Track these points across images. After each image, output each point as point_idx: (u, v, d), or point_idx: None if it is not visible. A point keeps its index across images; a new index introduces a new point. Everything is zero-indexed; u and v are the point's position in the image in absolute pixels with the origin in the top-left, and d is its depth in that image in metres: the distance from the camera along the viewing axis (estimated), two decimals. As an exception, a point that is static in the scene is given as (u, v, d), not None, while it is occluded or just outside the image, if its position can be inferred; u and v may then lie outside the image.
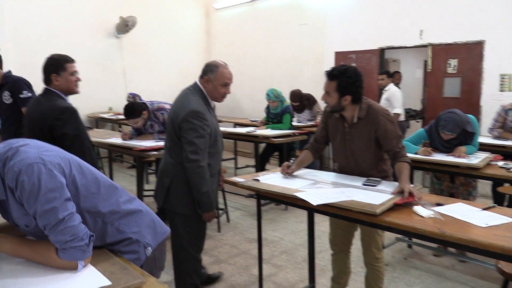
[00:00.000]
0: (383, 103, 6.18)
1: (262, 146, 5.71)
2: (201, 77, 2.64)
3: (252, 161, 7.18)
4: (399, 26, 6.51)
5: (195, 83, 2.67)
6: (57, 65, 2.61)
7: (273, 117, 5.65)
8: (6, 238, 1.49)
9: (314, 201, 2.14)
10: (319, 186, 2.44)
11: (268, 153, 5.73)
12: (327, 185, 2.45)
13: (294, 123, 6.09)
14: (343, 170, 2.72)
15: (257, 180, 2.63)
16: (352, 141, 2.58)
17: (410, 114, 7.73)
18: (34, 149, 1.44)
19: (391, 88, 6.34)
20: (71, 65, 2.64)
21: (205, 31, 9.90)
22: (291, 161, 2.81)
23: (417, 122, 8.03)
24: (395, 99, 6.23)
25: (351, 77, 2.43)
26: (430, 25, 6.18)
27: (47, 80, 2.63)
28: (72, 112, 2.52)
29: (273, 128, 5.46)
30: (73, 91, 2.66)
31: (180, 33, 9.38)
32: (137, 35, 8.49)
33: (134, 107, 4.23)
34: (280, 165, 5.55)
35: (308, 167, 2.90)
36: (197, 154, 2.48)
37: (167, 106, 4.42)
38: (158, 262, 1.74)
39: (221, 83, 2.60)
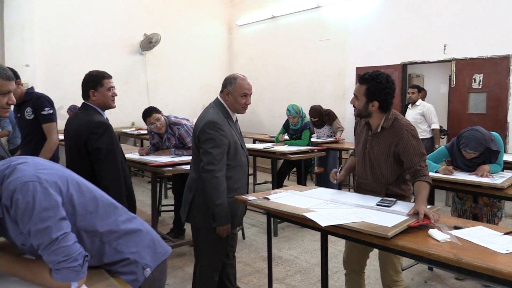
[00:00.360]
0: (416, 117, 5.97)
1: (280, 162, 5.64)
2: (221, 91, 2.70)
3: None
4: (422, 40, 6.38)
5: (216, 98, 2.73)
6: (95, 81, 2.73)
7: (293, 133, 5.59)
8: (2, 256, 1.47)
9: (323, 222, 2.05)
10: (331, 206, 2.35)
11: (286, 169, 5.65)
12: (340, 205, 2.37)
13: (313, 139, 6.02)
14: (360, 181, 2.66)
15: (267, 198, 2.56)
16: (372, 150, 2.54)
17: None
18: (31, 167, 1.42)
19: (425, 103, 6.12)
20: (108, 81, 2.76)
21: (227, 47, 9.98)
22: (339, 168, 2.80)
23: (442, 138, 7.80)
24: (433, 114, 6.02)
25: (382, 83, 2.41)
26: (454, 39, 6.04)
27: (85, 95, 2.75)
28: (106, 127, 2.61)
29: (291, 145, 5.39)
30: (110, 106, 2.78)
31: (203, 49, 9.48)
32: (161, 51, 8.62)
33: (151, 107, 4.35)
34: (298, 182, 5.52)
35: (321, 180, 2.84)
36: (212, 164, 2.49)
37: (184, 122, 4.43)
38: (157, 283, 1.68)
39: (240, 93, 2.63)
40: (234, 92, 2.63)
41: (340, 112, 7.09)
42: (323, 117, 6.33)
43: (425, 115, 5.99)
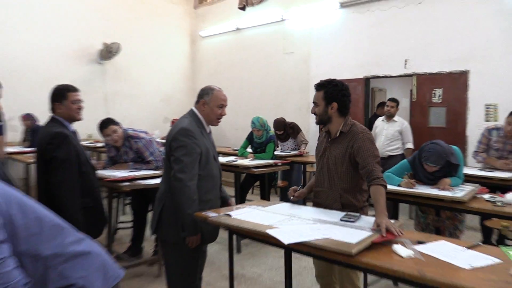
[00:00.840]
0: (394, 135, 5.84)
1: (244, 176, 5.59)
2: (197, 102, 2.72)
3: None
4: (384, 55, 6.54)
5: (190, 110, 2.75)
6: (59, 94, 2.90)
7: (257, 146, 5.56)
8: None
9: (286, 239, 2.01)
10: (295, 222, 2.32)
11: (248, 183, 5.61)
12: (304, 221, 2.34)
13: (277, 152, 6.01)
14: (316, 189, 2.72)
15: (229, 215, 2.50)
16: (330, 155, 2.62)
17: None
18: None
19: (403, 121, 5.96)
20: (72, 94, 2.92)
21: (190, 58, 9.91)
22: (300, 186, 2.83)
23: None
24: (409, 132, 5.90)
25: (337, 85, 2.56)
26: (415, 54, 6.22)
27: (51, 108, 2.92)
28: (64, 137, 2.74)
29: (258, 158, 5.36)
30: (75, 118, 2.94)
31: (165, 60, 9.37)
32: (121, 61, 8.44)
33: (108, 119, 4.26)
34: (262, 197, 5.47)
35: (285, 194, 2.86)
36: (183, 172, 2.48)
37: (142, 135, 4.32)
38: (109, 309, 1.57)
39: (217, 104, 2.69)
40: (211, 103, 2.67)
41: (304, 125, 7.14)
42: (287, 129, 6.35)
43: (402, 133, 5.89)
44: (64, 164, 2.68)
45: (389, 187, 3.33)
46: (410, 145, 5.87)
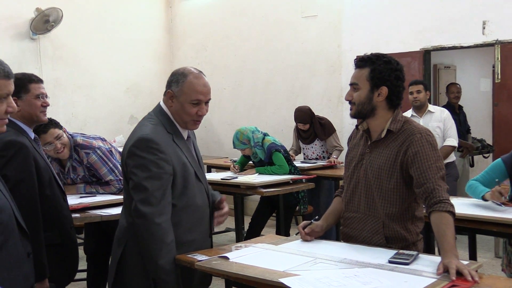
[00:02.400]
0: (436, 130, 5.85)
1: (251, 199, 5.62)
2: (165, 93, 2.71)
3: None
4: (451, 16, 6.55)
5: (157, 105, 2.75)
6: (18, 86, 2.84)
7: (259, 165, 5.64)
8: None
9: (309, 292, 2.04)
10: (322, 266, 2.35)
11: (265, 212, 5.66)
12: (335, 264, 2.37)
13: (297, 163, 6.03)
14: (347, 215, 2.75)
15: (226, 258, 2.53)
16: (371, 165, 2.63)
17: (475, 146, 7.68)
18: None
19: (442, 109, 6.16)
20: (36, 86, 2.99)
21: (166, 29, 9.95)
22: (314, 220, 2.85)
23: (485, 157, 7.98)
24: (453, 125, 6.01)
25: (391, 62, 2.57)
26: (498, 14, 6.22)
27: None
28: (18, 148, 2.77)
29: (263, 173, 5.41)
30: (39, 119, 3.03)
31: (129, 33, 9.39)
32: (63, 35, 8.49)
33: (48, 119, 4.25)
34: (277, 230, 5.49)
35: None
36: (149, 204, 2.49)
37: (97, 144, 4.36)
38: None
39: (190, 99, 2.64)
40: (182, 96, 2.64)
41: (335, 123, 7.14)
42: (315, 125, 6.35)
43: (445, 125, 5.95)
44: (18, 187, 2.69)
45: (462, 210, 3.35)
46: (452, 141, 5.90)
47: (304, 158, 6.64)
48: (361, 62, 2.62)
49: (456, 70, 9.10)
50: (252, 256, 2.56)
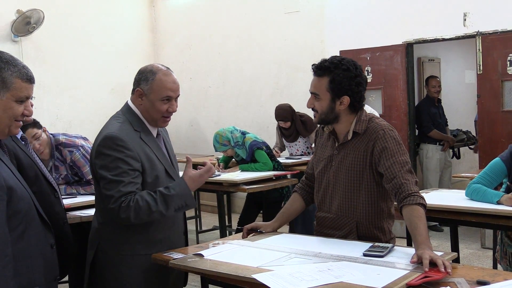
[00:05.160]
0: None
1: (239, 197, 5.61)
2: (133, 91, 2.71)
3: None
4: (432, 8, 6.56)
5: (125, 103, 2.76)
6: None
7: (242, 163, 5.63)
8: None
9: (281, 286, 2.02)
10: (296, 261, 2.36)
11: (252, 211, 5.67)
12: (309, 258, 2.37)
13: (282, 159, 6.03)
14: (320, 215, 2.76)
15: (201, 255, 2.52)
16: (340, 167, 2.64)
17: (460, 138, 7.71)
18: None
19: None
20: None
21: (150, 28, 9.94)
22: None
23: (470, 148, 8.02)
24: None
25: (349, 70, 2.54)
26: (478, 5, 6.23)
27: None
28: None
29: (246, 170, 5.41)
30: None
31: (112, 33, 9.37)
32: (45, 37, 8.45)
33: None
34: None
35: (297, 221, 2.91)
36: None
37: (80, 142, 4.36)
38: None
39: (160, 96, 2.64)
40: (151, 94, 2.64)
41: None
42: (296, 123, 6.35)
43: None
44: None
45: (443, 202, 3.36)
46: None
47: (290, 155, 6.64)
48: (319, 70, 2.60)
49: (440, 62, 9.11)
50: (228, 252, 2.55)
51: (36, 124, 4.23)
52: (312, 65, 2.63)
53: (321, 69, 2.58)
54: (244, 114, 8.52)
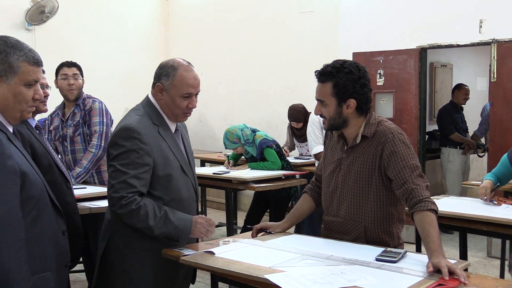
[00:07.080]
0: None
1: (246, 195, 5.60)
2: (153, 86, 2.72)
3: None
4: (448, 14, 6.54)
5: (146, 97, 2.77)
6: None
7: (251, 161, 5.63)
8: None
9: (294, 288, 2.02)
10: (308, 263, 2.35)
11: (259, 210, 5.67)
12: (321, 261, 2.37)
13: (292, 159, 6.03)
14: (327, 218, 2.76)
15: (212, 253, 2.52)
16: (349, 170, 2.64)
17: (476, 144, 7.70)
18: None
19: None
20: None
21: (162, 23, 9.95)
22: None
23: (480, 156, 8.00)
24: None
25: (352, 72, 2.54)
26: (494, 12, 6.21)
27: None
28: None
29: (255, 168, 5.40)
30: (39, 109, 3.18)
31: (124, 26, 9.39)
32: (59, 27, 8.48)
33: (74, 62, 4.78)
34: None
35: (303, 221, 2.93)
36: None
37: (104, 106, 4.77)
38: None
39: (181, 92, 2.65)
40: (172, 90, 2.65)
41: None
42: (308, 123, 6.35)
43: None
44: None
45: (453, 209, 3.35)
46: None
47: (300, 155, 6.64)
48: (322, 76, 2.60)
49: (452, 68, 9.08)
50: (239, 251, 2.55)
51: (80, 70, 4.69)
52: (315, 71, 2.64)
53: (324, 74, 2.59)
54: (253, 111, 8.50)
